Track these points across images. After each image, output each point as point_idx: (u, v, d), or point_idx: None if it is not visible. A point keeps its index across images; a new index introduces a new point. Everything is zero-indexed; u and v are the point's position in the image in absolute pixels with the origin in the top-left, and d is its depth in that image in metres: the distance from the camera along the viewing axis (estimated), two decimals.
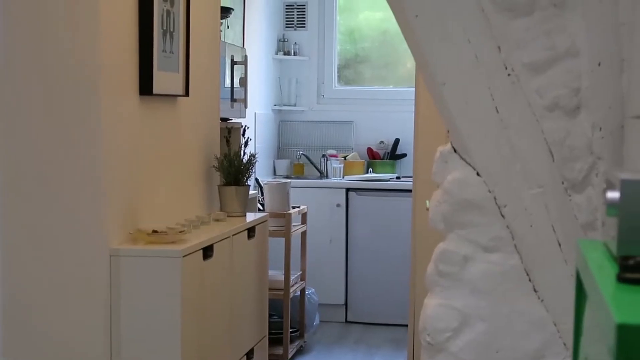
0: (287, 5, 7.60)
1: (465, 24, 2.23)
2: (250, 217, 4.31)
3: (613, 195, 1.28)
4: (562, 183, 2.22)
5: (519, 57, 2.23)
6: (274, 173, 7.30)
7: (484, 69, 2.23)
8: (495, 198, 2.25)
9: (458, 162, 2.29)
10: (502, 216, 2.25)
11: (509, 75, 2.23)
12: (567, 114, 2.22)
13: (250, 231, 4.18)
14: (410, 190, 4.77)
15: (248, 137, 4.73)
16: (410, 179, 5.56)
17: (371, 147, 7.36)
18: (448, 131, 2.33)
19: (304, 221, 5.99)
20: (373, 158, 7.31)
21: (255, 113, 6.62)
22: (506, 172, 2.24)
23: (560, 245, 2.21)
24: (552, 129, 2.22)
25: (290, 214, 5.52)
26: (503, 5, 2.23)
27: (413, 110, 4.42)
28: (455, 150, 2.30)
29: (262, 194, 5.71)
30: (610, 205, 1.29)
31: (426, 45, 2.27)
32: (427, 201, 3.22)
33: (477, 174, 2.26)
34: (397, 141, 7.27)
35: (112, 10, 3.21)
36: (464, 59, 2.23)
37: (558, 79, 2.22)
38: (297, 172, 7.29)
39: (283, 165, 7.31)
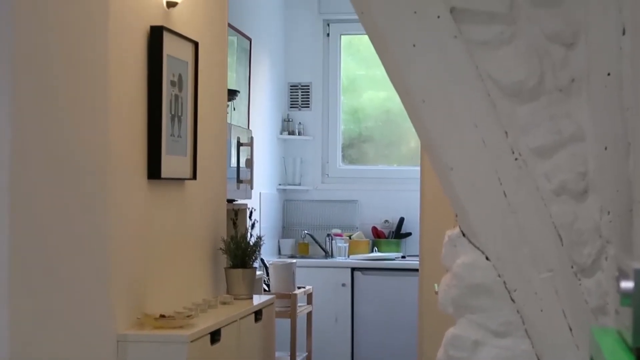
0: (291, 86, 7.68)
1: (472, 108, 2.25)
2: (257, 299, 4.29)
3: (627, 285, 1.29)
4: (572, 267, 2.22)
5: (525, 141, 2.25)
6: (279, 252, 7.29)
7: (491, 153, 2.25)
8: (504, 282, 2.25)
9: (467, 246, 2.30)
10: (512, 300, 2.24)
11: (516, 159, 2.24)
12: (575, 198, 2.23)
13: (257, 314, 4.16)
14: (416, 270, 4.76)
15: (255, 220, 4.74)
16: (416, 258, 5.55)
17: (376, 226, 7.36)
18: (456, 215, 2.34)
19: (309, 301, 5.96)
20: (378, 237, 7.30)
21: (260, 193, 6.64)
22: (515, 256, 2.24)
23: (571, 330, 2.20)
24: (560, 213, 2.23)
25: (296, 294, 5.49)
26: (509, 91, 2.26)
27: (417, 189, 4.44)
28: (463, 234, 2.31)
29: (268, 274, 5.70)
30: (625, 295, 1.29)
31: (433, 130, 2.29)
32: (436, 284, 3.21)
33: (486, 258, 2.26)
34: (401, 220, 7.28)
35: (121, 95, 3.25)
36: (471, 144, 2.25)
37: (565, 163, 2.24)
38: (302, 251, 7.27)
39: (288, 244, 7.31)
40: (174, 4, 3.63)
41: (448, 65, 2.27)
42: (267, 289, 5.61)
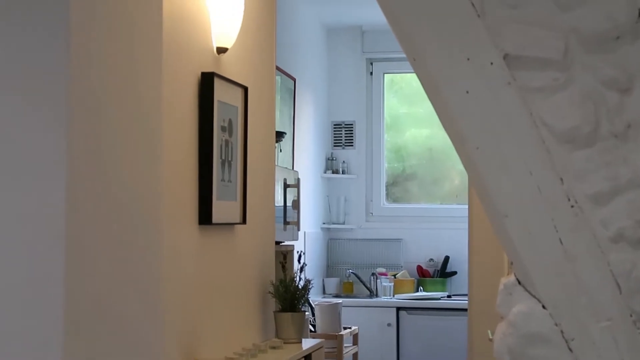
0: (335, 125, 7.70)
1: (526, 155, 2.24)
2: (307, 343, 4.28)
3: None
4: (630, 316, 2.20)
5: (581, 188, 2.23)
6: (323, 292, 7.28)
7: (546, 200, 2.23)
8: (562, 331, 2.23)
9: (523, 294, 2.28)
10: (570, 350, 2.21)
11: (572, 206, 2.23)
12: (633, 246, 2.21)
13: (307, 358, 4.15)
14: (462, 309, 4.74)
15: (304, 263, 4.74)
16: (462, 298, 5.53)
17: (421, 264, 7.32)
18: (511, 262, 2.32)
19: (355, 342, 5.94)
20: (423, 276, 7.27)
21: (304, 232, 6.64)
22: (572, 304, 2.22)
23: None
24: (618, 261, 2.21)
25: (342, 335, 5.47)
26: (564, 138, 2.24)
27: (462, 227, 4.43)
28: (519, 282, 2.29)
29: (313, 314, 5.69)
30: None
31: (487, 177, 2.28)
32: (490, 331, 3.19)
33: (543, 306, 2.24)
34: (447, 259, 7.24)
35: (173, 140, 3.28)
36: (526, 191, 2.24)
37: (622, 210, 2.21)
38: (346, 290, 7.25)
39: (332, 283, 7.29)
40: (224, 50, 3.67)
41: (502, 112, 2.26)
42: (313, 329, 5.60)
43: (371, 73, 7.78)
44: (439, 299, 6.85)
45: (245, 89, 3.88)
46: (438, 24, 2.28)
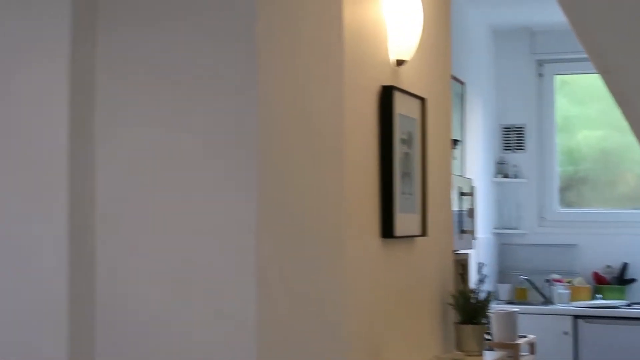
0: (504, 128, 7.58)
1: None
2: (488, 356, 4.22)
3: None
4: None
5: None
6: (496, 298, 7.17)
7: None
8: None
9: None
10: None
11: None
12: None
13: None
14: None
15: (485, 275, 4.67)
16: None
17: (597, 271, 7.10)
18: None
19: (532, 351, 5.81)
20: (599, 283, 7.05)
21: (476, 237, 6.56)
22: None
23: None
24: None
25: (518, 344, 5.36)
26: None
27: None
28: None
29: (489, 322, 5.60)
30: None
31: None
32: None
33: None
34: (625, 265, 7.00)
35: (354, 154, 3.30)
36: None
37: None
38: (519, 297, 7.11)
39: (505, 289, 7.17)
40: (403, 62, 3.65)
41: None
42: (488, 338, 5.51)
43: (540, 74, 7.61)
44: (619, 307, 6.63)
45: (424, 100, 3.86)
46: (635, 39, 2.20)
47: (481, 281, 4.53)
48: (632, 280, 6.94)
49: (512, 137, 7.56)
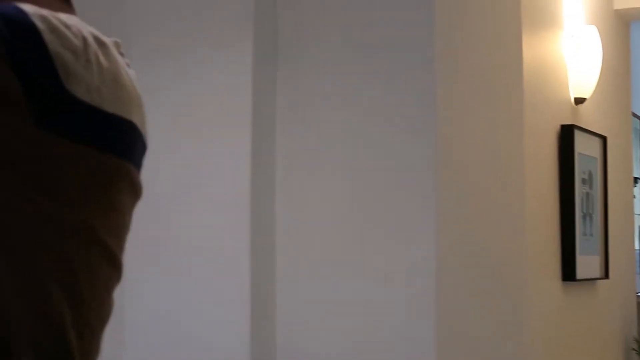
0: None
1: None
2: None
3: None
4: None
5: None
6: None
7: None
8: None
9: None
10: None
11: None
12: None
13: None
14: None
15: None
16: None
17: None
18: None
19: None
20: None
21: None
22: None
23: None
24: None
25: None
26: None
27: None
28: None
29: None
30: None
31: None
32: None
33: None
34: None
35: (535, 195, 3.24)
36: None
37: None
38: None
39: None
40: (582, 100, 3.58)
41: None
42: None
43: None
44: None
45: (604, 139, 3.76)
46: None
47: None
48: None
49: None
